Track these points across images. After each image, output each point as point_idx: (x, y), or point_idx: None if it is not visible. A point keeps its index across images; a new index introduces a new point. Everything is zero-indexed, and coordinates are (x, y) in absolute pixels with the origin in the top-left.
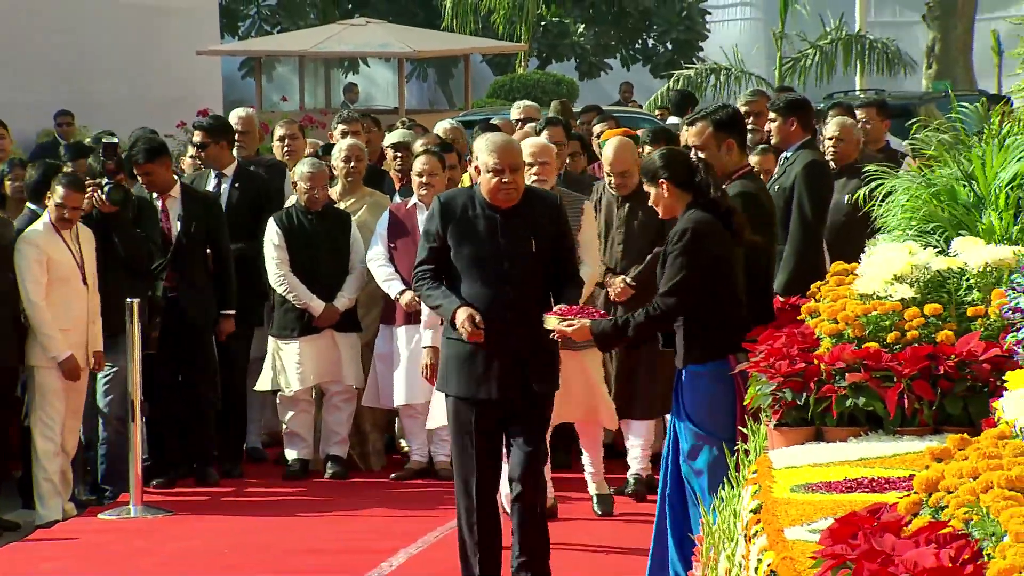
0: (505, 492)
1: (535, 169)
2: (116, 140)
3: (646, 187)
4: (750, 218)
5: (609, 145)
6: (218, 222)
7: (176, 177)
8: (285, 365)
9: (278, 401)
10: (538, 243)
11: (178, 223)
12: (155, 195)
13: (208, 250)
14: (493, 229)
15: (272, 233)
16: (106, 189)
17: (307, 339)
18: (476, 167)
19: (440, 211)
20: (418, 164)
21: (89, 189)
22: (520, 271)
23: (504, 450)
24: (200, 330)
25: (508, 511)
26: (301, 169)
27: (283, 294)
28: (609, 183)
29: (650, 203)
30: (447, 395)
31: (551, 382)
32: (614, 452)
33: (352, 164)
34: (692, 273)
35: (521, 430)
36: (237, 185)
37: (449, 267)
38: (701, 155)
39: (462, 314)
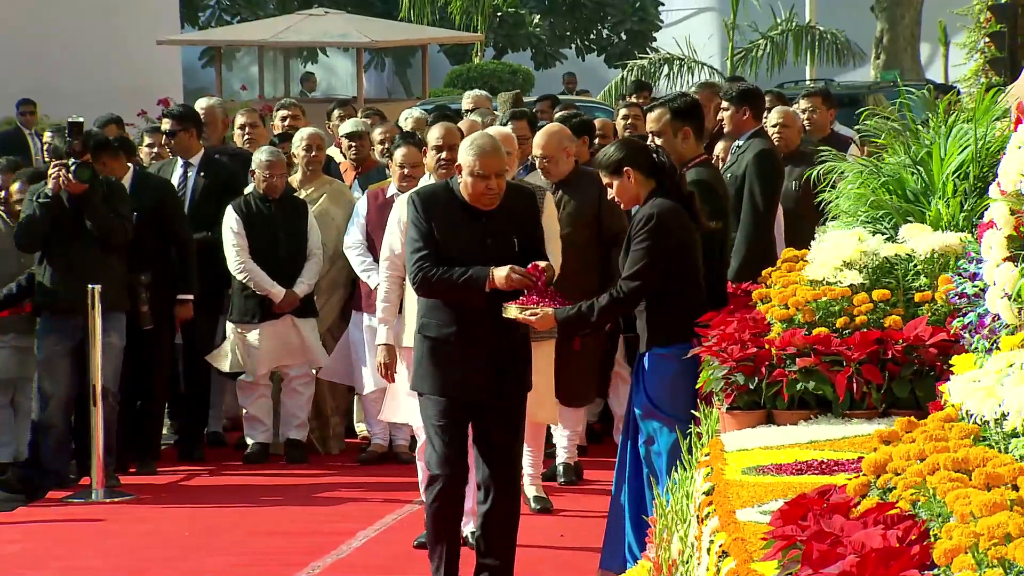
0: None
1: None
2: (82, 120)
3: (607, 180)
4: (705, 206)
5: (540, 131)
6: (173, 209)
7: (129, 165)
8: (247, 350)
9: (238, 386)
10: (520, 242)
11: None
12: None
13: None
14: (478, 230)
15: (231, 220)
16: (73, 168)
17: (267, 324)
18: (458, 166)
19: (423, 207)
20: (398, 155)
21: (56, 169)
22: None
23: (476, 451)
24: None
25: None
26: (259, 157)
27: (243, 281)
28: (540, 170)
29: (610, 196)
30: (421, 393)
31: (525, 384)
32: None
33: (313, 153)
34: (656, 258)
35: (496, 432)
36: (203, 174)
37: (443, 260)
38: (658, 142)
39: (502, 270)
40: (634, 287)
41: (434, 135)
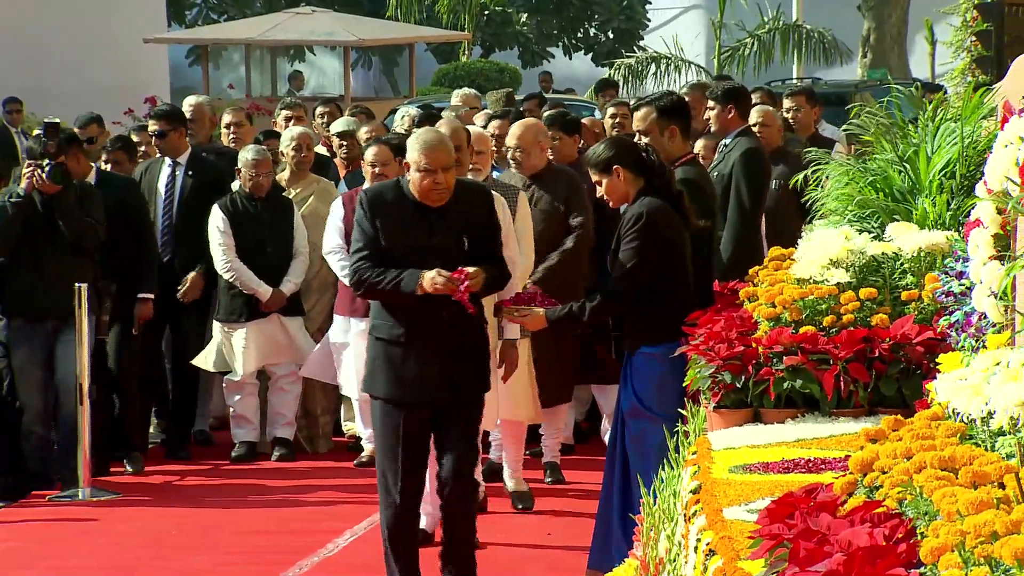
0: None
1: (472, 158)
2: (58, 121)
3: (596, 178)
4: (694, 205)
5: (516, 123)
6: (136, 208)
7: (92, 164)
8: (234, 349)
9: (224, 386)
10: (471, 241)
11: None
12: None
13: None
14: (425, 228)
15: (218, 219)
16: (47, 169)
17: (254, 323)
18: (406, 163)
19: (369, 206)
20: (369, 154)
21: (29, 169)
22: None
23: (434, 453)
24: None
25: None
26: (245, 156)
27: (230, 280)
28: (512, 161)
29: (600, 195)
30: (374, 397)
31: (482, 384)
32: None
33: (303, 153)
34: (647, 257)
35: (451, 434)
36: (191, 173)
37: (385, 260)
38: (645, 140)
39: (430, 274)
40: (626, 287)
41: None
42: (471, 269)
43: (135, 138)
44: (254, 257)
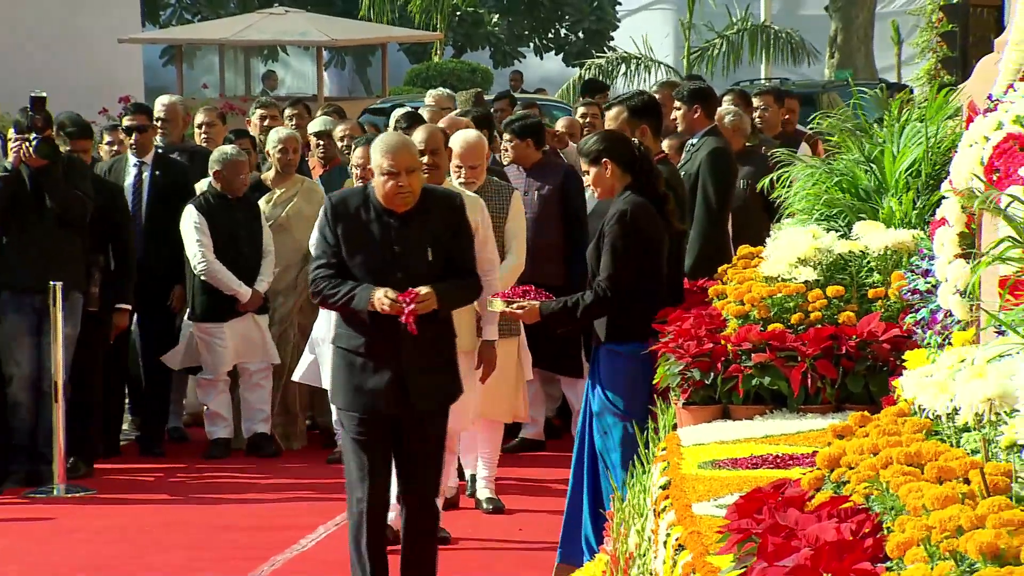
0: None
1: (464, 173)
2: (45, 95)
3: (585, 167)
4: (677, 208)
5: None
6: (123, 215)
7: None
8: (212, 348)
9: (198, 384)
10: (435, 251)
11: None
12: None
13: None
14: (388, 236)
15: (194, 218)
16: (34, 143)
17: (232, 323)
18: (370, 168)
19: (332, 212)
20: (356, 156)
21: (16, 144)
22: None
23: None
24: (89, 320)
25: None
26: (224, 155)
27: (207, 280)
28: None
29: (587, 184)
30: (338, 408)
31: (445, 398)
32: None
33: (289, 156)
34: (629, 257)
35: (411, 448)
36: (158, 173)
37: (345, 271)
38: None
39: (380, 292)
40: (616, 285)
41: (416, 139)
42: (423, 290)
43: (108, 137)
44: (228, 256)
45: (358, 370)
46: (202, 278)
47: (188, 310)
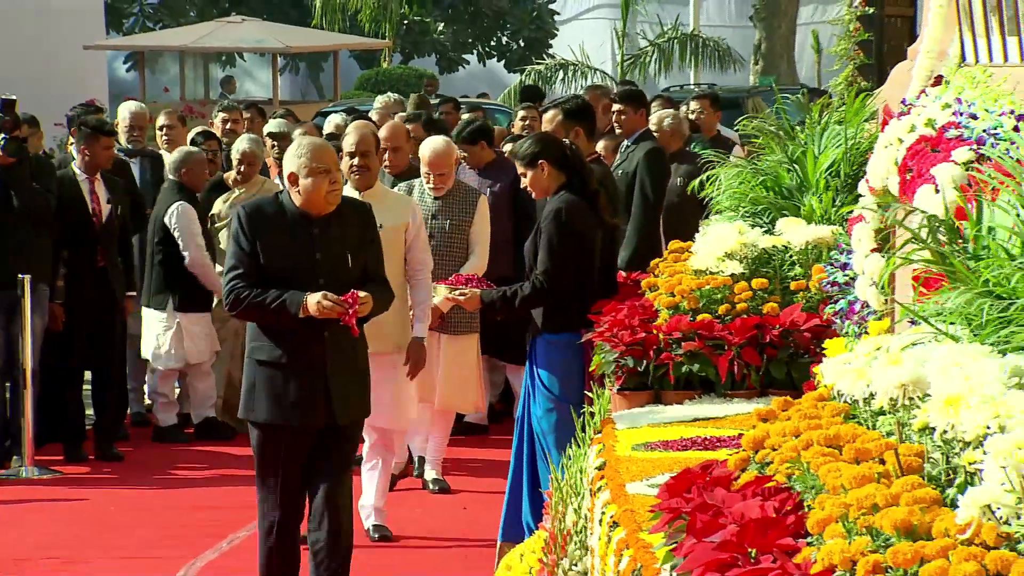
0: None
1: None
2: (15, 98)
3: (522, 170)
4: (610, 204)
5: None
6: (138, 212)
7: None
8: (192, 339)
9: (159, 374)
10: (353, 258)
11: (107, 206)
12: (84, 176)
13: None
14: (308, 242)
15: (191, 214)
16: (2, 143)
17: (206, 315)
18: (291, 174)
19: (247, 220)
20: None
21: None
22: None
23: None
24: (115, 310)
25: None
26: (187, 155)
27: (196, 272)
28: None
29: (524, 185)
30: (251, 423)
31: (360, 411)
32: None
33: (243, 167)
34: (565, 250)
35: (326, 464)
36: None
37: (262, 279)
38: None
39: (315, 296)
40: (552, 279)
41: (348, 140)
42: (362, 293)
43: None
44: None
45: (280, 382)
46: (193, 270)
47: (170, 304)
